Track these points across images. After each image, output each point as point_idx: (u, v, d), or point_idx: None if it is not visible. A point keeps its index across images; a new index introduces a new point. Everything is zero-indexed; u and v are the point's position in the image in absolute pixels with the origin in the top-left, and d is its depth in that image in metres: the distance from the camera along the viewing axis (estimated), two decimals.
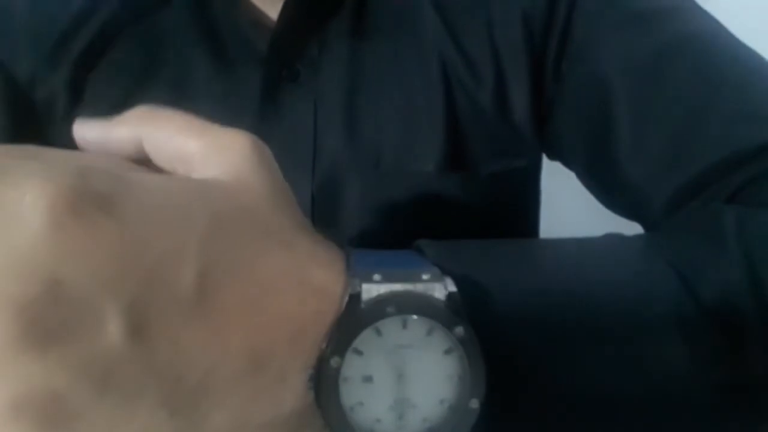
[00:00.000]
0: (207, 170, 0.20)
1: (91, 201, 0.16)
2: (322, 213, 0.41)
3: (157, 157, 0.21)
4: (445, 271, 0.21)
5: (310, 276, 0.20)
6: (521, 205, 0.48)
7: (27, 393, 0.15)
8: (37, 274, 0.15)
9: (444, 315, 0.20)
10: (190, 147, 0.20)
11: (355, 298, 0.20)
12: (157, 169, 0.21)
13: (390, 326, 0.20)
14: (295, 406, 0.19)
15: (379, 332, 0.20)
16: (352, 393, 0.20)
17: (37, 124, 0.43)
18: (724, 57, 0.36)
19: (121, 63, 0.42)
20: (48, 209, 0.15)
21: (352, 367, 0.19)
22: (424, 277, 0.21)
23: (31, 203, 0.15)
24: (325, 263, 0.20)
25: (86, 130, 0.23)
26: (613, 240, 0.29)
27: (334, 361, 0.19)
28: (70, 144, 0.42)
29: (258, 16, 0.42)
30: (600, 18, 0.39)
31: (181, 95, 0.42)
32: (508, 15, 0.41)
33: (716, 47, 0.37)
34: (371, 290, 0.20)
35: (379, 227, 0.41)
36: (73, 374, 0.15)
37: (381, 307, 0.19)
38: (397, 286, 0.20)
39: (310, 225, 0.21)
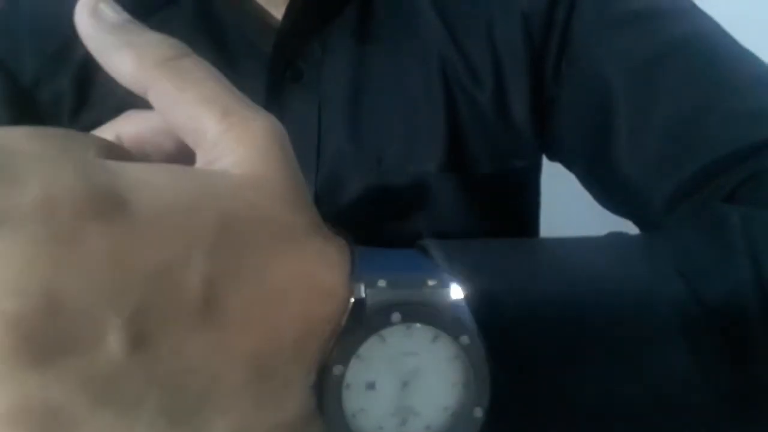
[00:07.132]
0: (217, 155, 0.19)
1: (92, 206, 0.15)
2: (325, 211, 0.41)
3: (168, 116, 0.20)
4: (451, 274, 0.21)
5: (319, 279, 0.19)
6: (521, 205, 0.49)
7: (23, 405, 0.14)
8: (34, 286, 0.14)
9: (449, 323, 0.20)
10: (207, 125, 0.19)
11: (359, 304, 0.19)
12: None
13: (394, 334, 0.19)
14: (297, 412, 0.19)
15: (383, 339, 0.19)
16: (354, 399, 0.19)
17: (40, 125, 0.43)
18: (722, 57, 0.37)
19: None
20: (46, 215, 0.14)
21: (354, 373, 0.19)
22: (430, 283, 0.20)
23: (30, 206, 0.14)
24: (333, 264, 0.20)
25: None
26: (616, 241, 0.29)
27: (337, 369, 0.19)
28: None
29: (262, 16, 0.42)
30: (599, 18, 0.40)
31: None
32: (508, 16, 0.42)
33: (714, 47, 0.37)
34: (375, 296, 0.19)
35: (381, 225, 0.41)
36: (71, 388, 0.15)
37: (386, 315, 0.19)
38: (402, 293, 0.20)
39: (321, 221, 0.21)
